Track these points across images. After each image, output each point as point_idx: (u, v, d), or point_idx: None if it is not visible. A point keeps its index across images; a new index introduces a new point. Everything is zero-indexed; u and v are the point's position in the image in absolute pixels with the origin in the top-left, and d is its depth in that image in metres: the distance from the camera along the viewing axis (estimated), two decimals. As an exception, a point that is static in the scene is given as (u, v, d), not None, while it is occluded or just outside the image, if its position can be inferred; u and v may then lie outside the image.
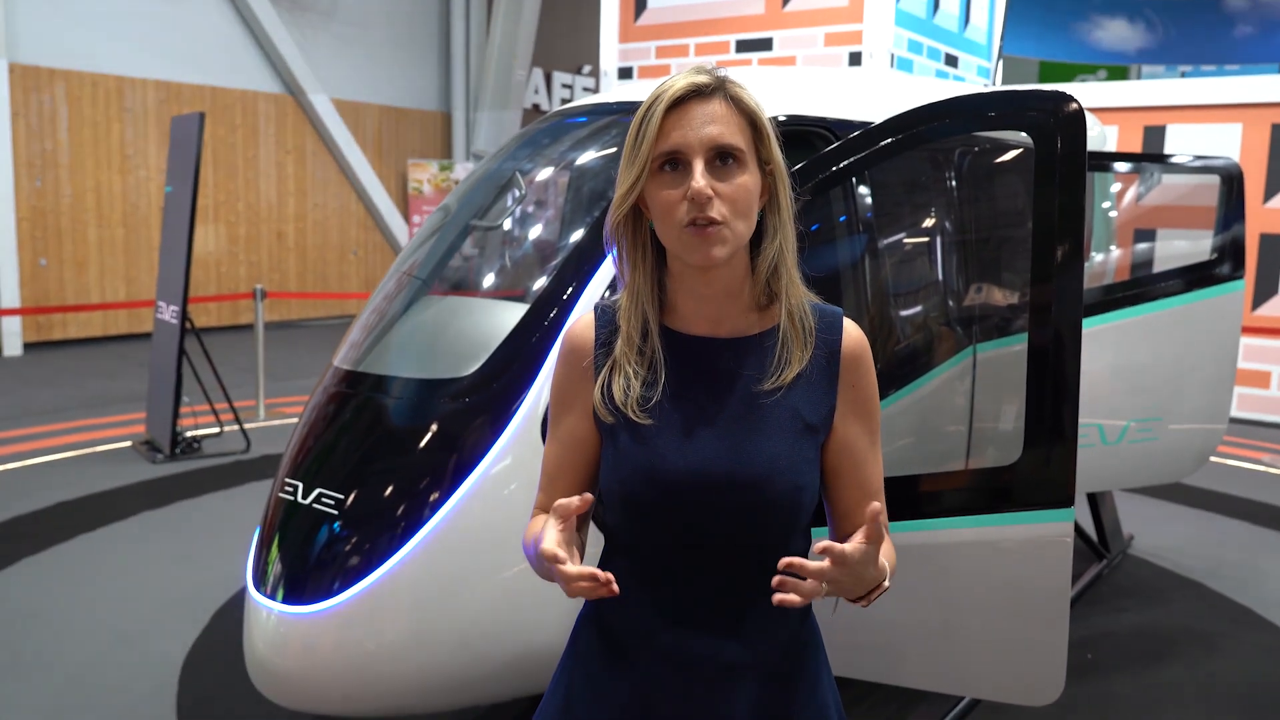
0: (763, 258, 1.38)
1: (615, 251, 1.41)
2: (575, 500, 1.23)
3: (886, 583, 1.34)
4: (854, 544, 1.21)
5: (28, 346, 10.54)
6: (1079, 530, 4.51)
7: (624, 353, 1.39)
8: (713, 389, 1.38)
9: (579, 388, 1.43)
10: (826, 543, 1.18)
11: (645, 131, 1.31)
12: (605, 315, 1.44)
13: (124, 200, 11.25)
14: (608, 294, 2.45)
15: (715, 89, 1.32)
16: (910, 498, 2.27)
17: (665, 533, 1.38)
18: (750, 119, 1.34)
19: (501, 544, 2.32)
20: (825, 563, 1.19)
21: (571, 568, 1.18)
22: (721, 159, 1.30)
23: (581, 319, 1.46)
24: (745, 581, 1.39)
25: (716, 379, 1.38)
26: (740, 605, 1.40)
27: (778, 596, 1.17)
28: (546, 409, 1.48)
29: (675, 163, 1.31)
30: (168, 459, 6.22)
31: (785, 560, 1.18)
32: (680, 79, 1.32)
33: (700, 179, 1.28)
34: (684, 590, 1.39)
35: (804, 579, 1.19)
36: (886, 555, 1.36)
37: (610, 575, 1.18)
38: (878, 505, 1.20)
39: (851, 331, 1.42)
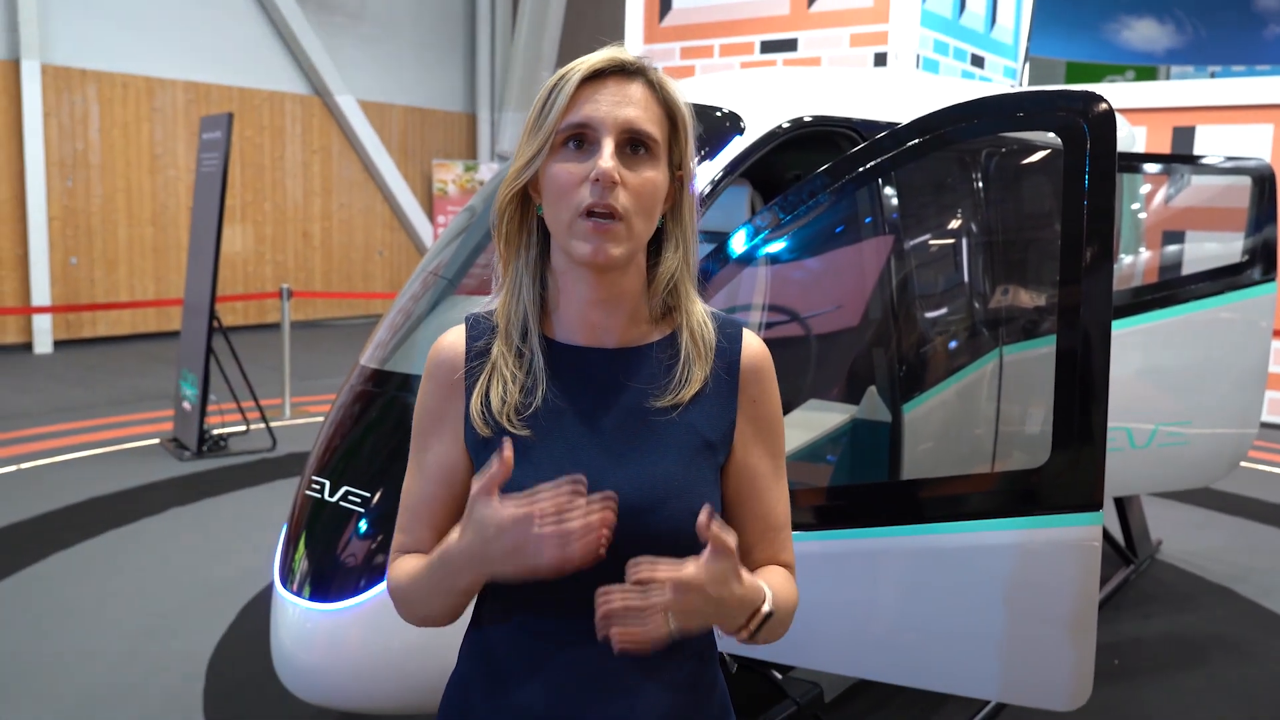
0: (662, 269, 1.23)
1: (496, 239, 1.26)
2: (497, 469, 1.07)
3: (766, 607, 1.14)
4: (690, 564, 1.02)
5: (58, 344, 10.68)
6: (1106, 535, 4.47)
7: (501, 353, 1.23)
8: (598, 403, 1.22)
9: (448, 407, 1.26)
10: (644, 568, 1.01)
11: (555, 100, 1.16)
12: (479, 325, 1.27)
13: (153, 200, 11.37)
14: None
15: (638, 71, 1.19)
16: (937, 500, 2.26)
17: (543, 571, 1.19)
18: (669, 112, 1.20)
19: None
20: (659, 595, 1.00)
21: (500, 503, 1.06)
22: (633, 147, 1.16)
23: (451, 330, 1.29)
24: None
25: (602, 392, 1.22)
26: (628, 666, 1.20)
27: (617, 645, 0.99)
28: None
29: (582, 140, 1.16)
30: (195, 456, 6.28)
31: (606, 604, 0.99)
32: (602, 51, 1.19)
33: (609, 160, 1.13)
34: (566, 647, 1.21)
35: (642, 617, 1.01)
36: (779, 584, 1.21)
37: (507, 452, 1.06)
38: (705, 516, 1.02)
39: (752, 343, 1.28)
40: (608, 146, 1.14)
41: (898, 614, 2.35)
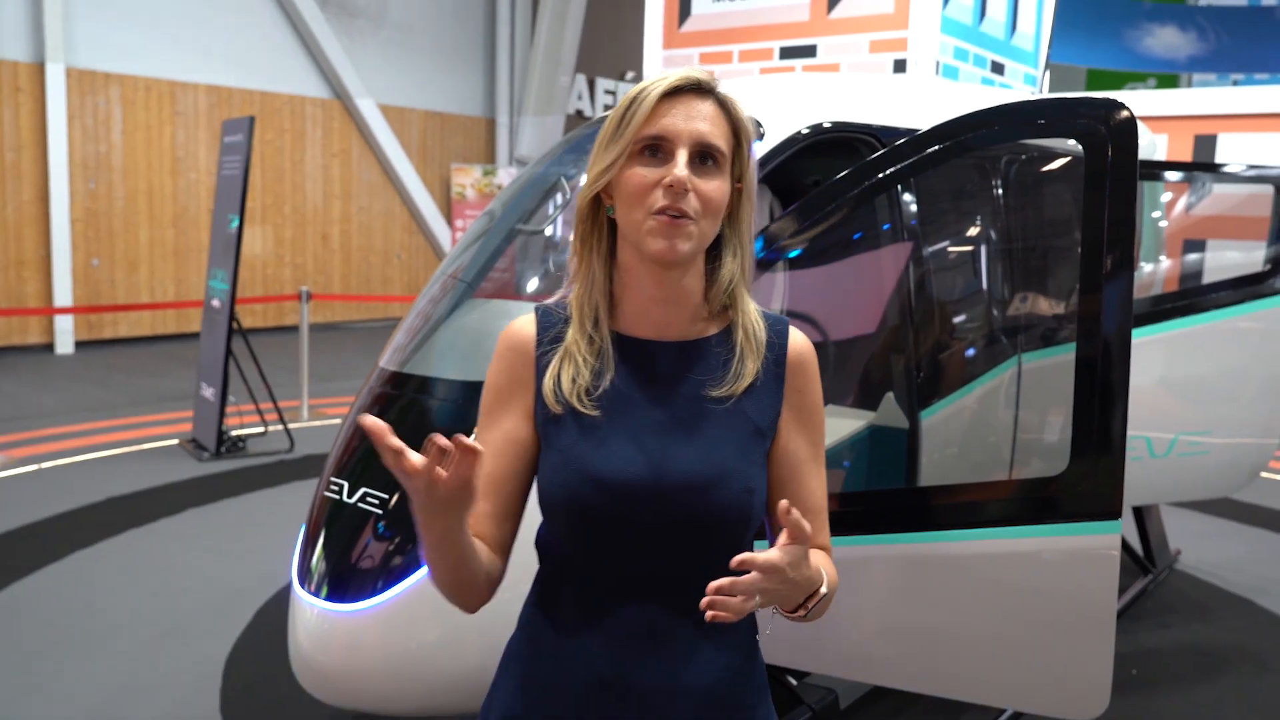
0: (723, 273, 1.36)
1: (574, 237, 1.38)
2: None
3: (824, 589, 1.28)
4: (775, 550, 1.16)
5: (79, 344, 10.76)
6: (1124, 544, 4.44)
7: (575, 341, 1.35)
8: (659, 392, 1.35)
9: (518, 388, 1.38)
10: (744, 555, 1.14)
11: (635, 111, 1.29)
12: (549, 316, 1.40)
13: (174, 202, 11.46)
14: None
15: (710, 90, 1.32)
16: (955, 507, 2.25)
17: (608, 541, 1.32)
18: (735, 129, 1.33)
19: (543, 546, 2.33)
20: (752, 576, 1.13)
21: (412, 457, 1.09)
22: (703, 158, 1.29)
23: (521, 318, 1.42)
24: (689, 602, 1.30)
25: (663, 382, 1.35)
26: (683, 628, 1.34)
27: (709, 614, 1.12)
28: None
29: (657, 149, 1.29)
30: (213, 457, 6.32)
31: (715, 584, 1.13)
32: (679, 71, 1.32)
33: (683, 169, 1.26)
34: (626, 611, 1.33)
35: (734, 596, 1.14)
36: (825, 566, 1.32)
37: (462, 441, 1.10)
38: (785, 503, 1.15)
39: (798, 338, 1.41)
40: (682, 157, 1.27)
41: (914, 620, 2.34)
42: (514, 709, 1.40)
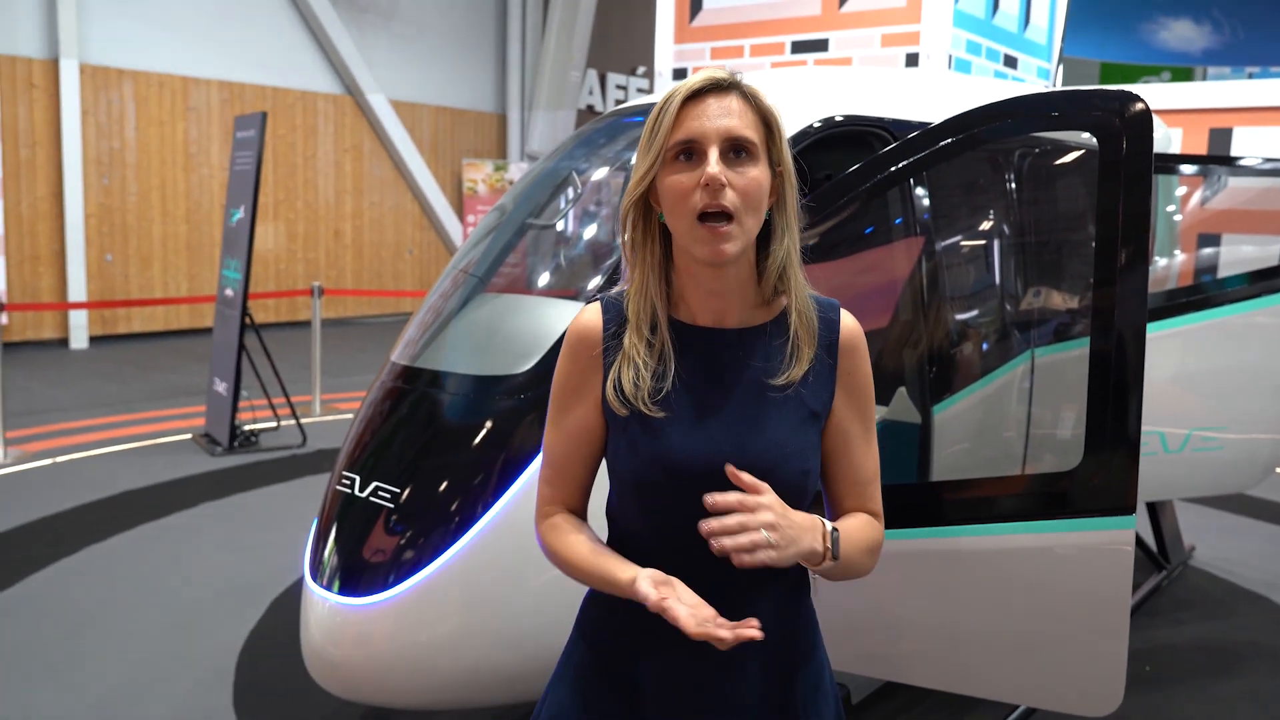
0: (771, 259, 1.41)
1: (623, 244, 1.44)
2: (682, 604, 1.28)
3: (829, 525, 1.37)
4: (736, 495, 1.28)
5: (93, 340, 10.82)
6: (1138, 540, 4.42)
7: (633, 345, 1.41)
8: (720, 380, 1.42)
9: (587, 378, 1.45)
10: (713, 495, 1.27)
11: (663, 120, 1.35)
12: (612, 308, 1.46)
13: (187, 198, 11.50)
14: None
15: (732, 85, 1.36)
16: (968, 501, 2.24)
17: (674, 518, 1.40)
18: (764, 118, 1.37)
19: (554, 540, 2.33)
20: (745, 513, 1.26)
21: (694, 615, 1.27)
22: (735, 151, 1.33)
23: (587, 310, 1.48)
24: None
25: (724, 370, 1.42)
26: (744, 589, 1.43)
27: (737, 559, 1.24)
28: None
29: (690, 153, 1.34)
30: (226, 452, 6.34)
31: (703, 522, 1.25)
32: (699, 74, 1.36)
33: (715, 165, 1.31)
34: (691, 577, 1.40)
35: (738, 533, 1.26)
36: (846, 524, 1.43)
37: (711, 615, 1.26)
38: (730, 469, 1.29)
39: (849, 322, 1.48)
40: (713, 154, 1.32)
41: (926, 616, 2.33)
42: (586, 665, 1.52)
